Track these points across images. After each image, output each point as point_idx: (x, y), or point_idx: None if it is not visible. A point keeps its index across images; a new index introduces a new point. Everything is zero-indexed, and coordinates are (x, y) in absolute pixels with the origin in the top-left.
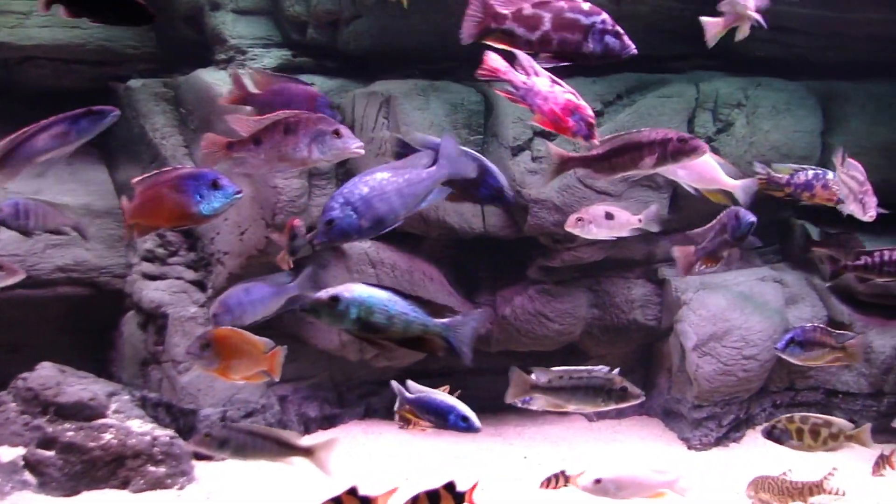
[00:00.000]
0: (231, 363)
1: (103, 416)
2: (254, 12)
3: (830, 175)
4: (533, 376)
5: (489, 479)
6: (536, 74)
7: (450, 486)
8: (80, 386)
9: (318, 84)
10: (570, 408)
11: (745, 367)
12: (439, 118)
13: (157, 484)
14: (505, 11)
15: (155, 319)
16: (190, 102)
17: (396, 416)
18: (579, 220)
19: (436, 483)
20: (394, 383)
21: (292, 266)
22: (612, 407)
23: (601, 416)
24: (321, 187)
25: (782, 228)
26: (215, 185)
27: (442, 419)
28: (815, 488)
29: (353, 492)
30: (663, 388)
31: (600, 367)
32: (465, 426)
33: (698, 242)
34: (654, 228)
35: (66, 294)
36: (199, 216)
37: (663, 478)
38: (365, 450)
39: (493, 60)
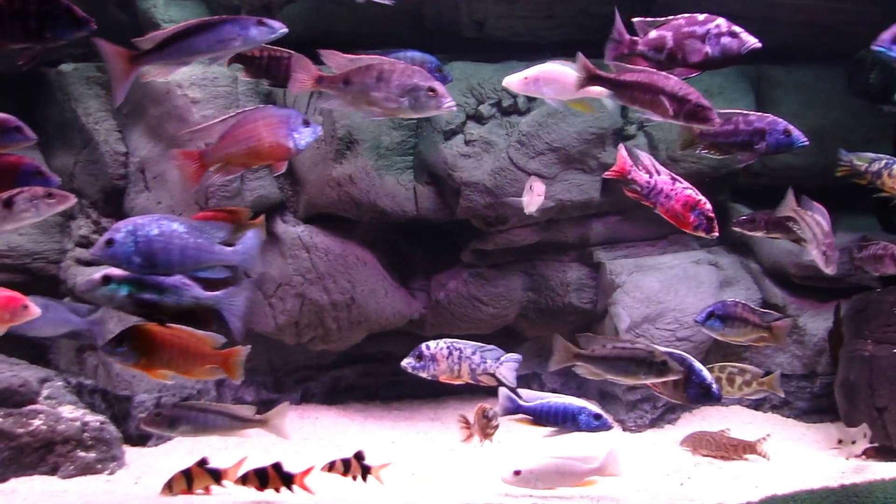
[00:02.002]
0: (157, 359)
1: (34, 402)
2: None
3: None
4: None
5: (421, 464)
6: (658, 173)
7: (277, 467)
8: (10, 373)
9: None
10: (608, 378)
11: (679, 349)
12: None
13: (87, 469)
14: (636, 38)
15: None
16: None
17: (466, 427)
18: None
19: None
20: (503, 391)
21: None
22: (652, 380)
23: None
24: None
25: (718, 211)
26: (305, 123)
27: (572, 421)
28: (748, 447)
29: (202, 463)
30: None
31: None
32: (598, 424)
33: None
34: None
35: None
36: (294, 150)
37: (590, 465)
38: (301, 435)
39: (622, 162)
